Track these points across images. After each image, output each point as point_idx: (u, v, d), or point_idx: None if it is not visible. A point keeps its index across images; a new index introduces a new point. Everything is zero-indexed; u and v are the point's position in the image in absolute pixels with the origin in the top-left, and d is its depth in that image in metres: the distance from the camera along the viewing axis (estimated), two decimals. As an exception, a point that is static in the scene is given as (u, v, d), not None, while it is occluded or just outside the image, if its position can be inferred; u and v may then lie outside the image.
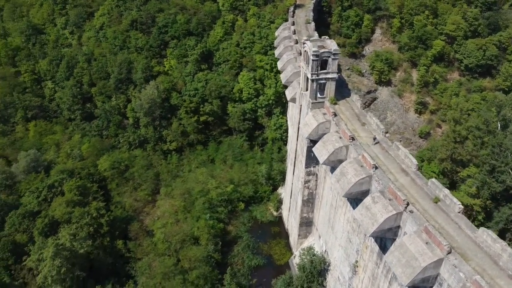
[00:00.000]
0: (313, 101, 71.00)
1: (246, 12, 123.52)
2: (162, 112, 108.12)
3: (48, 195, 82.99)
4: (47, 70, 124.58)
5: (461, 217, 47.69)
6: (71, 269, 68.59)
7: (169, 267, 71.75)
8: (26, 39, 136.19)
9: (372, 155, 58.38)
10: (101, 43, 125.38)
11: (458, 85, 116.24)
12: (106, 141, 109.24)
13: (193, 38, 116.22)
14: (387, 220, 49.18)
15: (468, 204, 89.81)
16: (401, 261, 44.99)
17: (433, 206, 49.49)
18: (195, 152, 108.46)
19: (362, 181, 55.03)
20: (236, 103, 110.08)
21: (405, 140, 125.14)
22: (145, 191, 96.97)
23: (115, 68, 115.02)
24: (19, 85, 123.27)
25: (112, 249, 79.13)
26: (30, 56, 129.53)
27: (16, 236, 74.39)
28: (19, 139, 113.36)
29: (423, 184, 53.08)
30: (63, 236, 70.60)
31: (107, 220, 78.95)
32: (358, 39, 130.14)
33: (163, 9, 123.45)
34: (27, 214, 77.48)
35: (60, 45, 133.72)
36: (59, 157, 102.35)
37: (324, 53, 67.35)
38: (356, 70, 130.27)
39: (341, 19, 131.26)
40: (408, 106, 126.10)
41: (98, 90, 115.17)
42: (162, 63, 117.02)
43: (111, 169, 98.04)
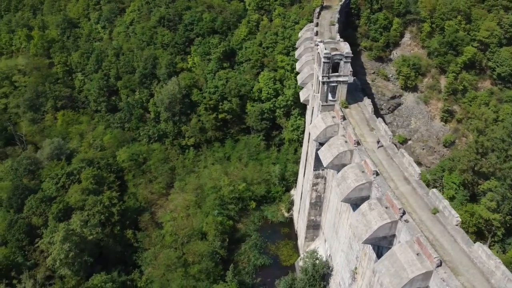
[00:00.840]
0: (323, 103, 70.38)
1: (272, 12, 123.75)
2: (182, 107, 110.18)
3: (66, 182, 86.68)
4: (78, 63, 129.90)
5: (458, 230, 46.02)
6: (80, 254, 71.40)
7: (173, 259, 73.26)
8: (62, 32, 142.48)
9: (375, 161, 57.35)
10: (130, 38, 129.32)
11: (489, 94, 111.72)
12: (128, 133, 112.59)
13: (217, 37, 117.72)
14: (381, 228, 48.20)
15: (488, 219, 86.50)
16: (390, 271, 44.00)
17: (431, 217, 48.03)
18: (212, 149, 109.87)
19: (361, 186, 54.15)
20: (255, 102, 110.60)
21: (428, 148, 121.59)
22: (160, 184, 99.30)
23: (140, 63, 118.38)
24: (51, 75, 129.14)
25: (121, 238, 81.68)
26: (63, 49, 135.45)
27: (33, 219, 78.26)
28: (47, 127, 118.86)
29: (423, 194, 51.63)
30: (74, 222, 73.64)
31: (118, 210, 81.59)
32: (385, 43, 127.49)
33: (191, 7, 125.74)
34: (44, 199, 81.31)
35: (92, 39, 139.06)
36: (82, 146, 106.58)
37: (336, 55, 66.65)
38: (382, 74, 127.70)
39: (369, 21, 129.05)
40: (434, 114, 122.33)
41: (124, 83, 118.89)
42: (186, 60, 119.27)
43: (129, 161, 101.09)
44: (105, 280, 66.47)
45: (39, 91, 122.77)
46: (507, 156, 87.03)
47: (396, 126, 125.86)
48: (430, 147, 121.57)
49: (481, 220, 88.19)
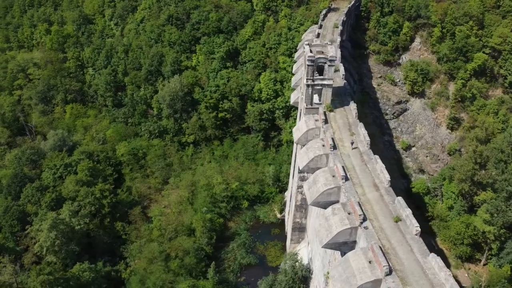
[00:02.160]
0: (307, 106, 70.29)
1: (279, 13, 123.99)
2: (184, 105, 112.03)
3: (64, 173, 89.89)
4: (89, 58, 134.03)
5: (416, 240, 45.30)
6: (67, 243, 74.02)
7: (155, 253, 74.85)
8: (77, 28, 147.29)
9: (349, 166, 57.02)
10: (140, 35, 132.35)
11: (499, 103, 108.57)
12: (130, 128, 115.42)
13: (222, 36, 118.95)
14: (341, 234, 47.97)
15: (483, 231, 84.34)
16: (341, 276, 43.84)
17: (392, 225, 47.44)
18: (210, 147, 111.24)
19: (330, 191, 53.95)
20: (255, 103, 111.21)
21: (432, 156, 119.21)
22: (156, 179, 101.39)
23: (147, 60, 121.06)
24: (63, 69, 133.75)
25: (111, 229, 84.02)
26: (77, 44, 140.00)
27: (27, 207, 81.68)
28: (56, 119, 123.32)
29: (390, 201, 50.97)
30: (63, 211, 76.40)
31: (109, 202, 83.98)
32: (394, 47, 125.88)
33: (199, 6, 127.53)
34: (40, 188, 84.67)
35: (105, 35, 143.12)
36: (85, 139, 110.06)
37: (320, 59, 66.38)
38: (389, 78, 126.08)
39: (378, 25, 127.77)
40: (440, 121, 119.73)
41: (130, 79, 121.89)
42: (190, 58, 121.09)
43: (127, 155, 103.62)
44: (84, 269, 68.64)
45: (51, 84, 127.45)
46: (506, 168, 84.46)
47: (401, 132, 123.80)
48: (434, 155, 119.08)
49: (476, 232, 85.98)
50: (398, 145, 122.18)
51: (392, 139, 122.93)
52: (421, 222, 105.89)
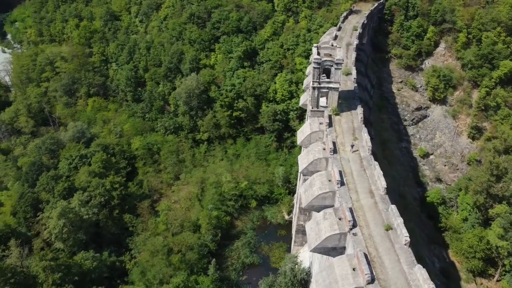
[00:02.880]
0: (313, 109, 69.84)
1: (299, 14, 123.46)
2: (200, 103, 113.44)
3: (79, 164, 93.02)
4: (113, 53, 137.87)
5: (405, 250, 44.33)
6: (75, 231, 76.63)
7: (157, 246, 76.34)
8: (104, 24, 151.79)
9: (347, 171, 56.34)
10: (162, 33, 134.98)
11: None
12: (147, 123, 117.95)
13: (241, 36, 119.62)
14: (330, 239, 47.61)
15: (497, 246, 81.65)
16: (325, 281, 43.55)
17: (382, 233, 46.61)
18: (223, 145, 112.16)
19: (325, 195, 53.56)
20: (270, 103, 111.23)
21: (451, 165, 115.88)
22: (168, 175, 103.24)
23: (167, 57, 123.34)
24: (88, 64, 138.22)
25: (119, 221, 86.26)
26: (103, 39, 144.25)
27: (41, 194, 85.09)
28: (79, 111, 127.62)
29: (383, 209, 50.06)
30: (74, 200, 79.15)
31: (118, 194, 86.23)
32: (417, 51, 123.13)
33: (221, 5, 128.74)
34: (55, 177, 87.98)
35: (130, 31, 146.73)
36: (103, 132, 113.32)
37: (327, 61, 65.79)
38: (410, 84, 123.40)
39: (402, 29, 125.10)
40: (461, 129, 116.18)
41: (150, 76, 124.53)
42: (209, 57, 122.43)
43: (142, 149, 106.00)
44: (86, 258, 70.88)
45: (75, 77, 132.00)
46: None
47: (419, 139, 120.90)
48: (452, 164, 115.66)
49: (490, 247, 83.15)
50: (416, 152, 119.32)
51: (410, 146, 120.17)
52: (433, 233, 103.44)
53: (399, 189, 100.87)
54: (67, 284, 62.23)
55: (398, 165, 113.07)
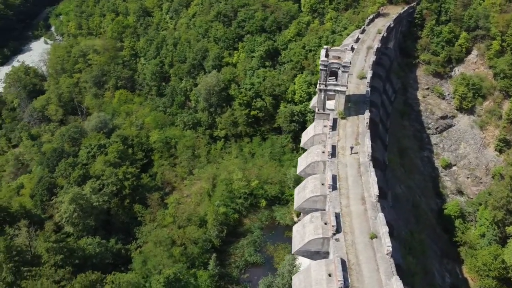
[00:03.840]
0: (320, 111, 69.19)
1: (325, 16, 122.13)
2: (219, 100, 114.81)
3: (97, 153, 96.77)
4: (142, 48, 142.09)
5: (386, 260, 43.17)
6: (85, 217, 79.91)
7: (160, 237, 78.14)
8: (137, 19, 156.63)
9: (343, 176, 55.47)
10: (190, 30, 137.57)
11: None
12: (168, 118, 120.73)
13: (264, 35, 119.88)
14: (313, 242, 47.18)
15: (511, 265, 78.19)
16: (301, 284, 43.27)
17: (366, 241, 45.61)
18: (239, 143, 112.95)
19: (316, 198, 53.04)
20: (288, 104, 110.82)
21: (474, 178, 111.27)
22: (183, 169, 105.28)
23: (191, 54, 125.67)
24: (118, 57, 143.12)
25: (130, 210, 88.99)
26: (134, 34, 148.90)
27: (58, 180, 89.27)
28: (105, 102, 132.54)
29: (372, 216, 48.90)
30: (86, 187, 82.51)
31: (130, 184, 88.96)
32: (447, 58, 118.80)
33: (248, 4, 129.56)
34: (73, 164, 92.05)
35: (160, 28, 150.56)
36: (124, 124, 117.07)
37: (333, 64, 64.98)
38: (437, 91, 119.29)
39: (432, 34, 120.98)
40: (488, 142, 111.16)
41: (174, 71, 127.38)
42: (232, 55, 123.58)
43: (159, 142, 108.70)
44: (90, 243, 73.72)
45: (105, 70, 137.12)
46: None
47: (442, 149, 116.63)
48: (476, 177, 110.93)
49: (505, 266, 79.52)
50: (438, 162, 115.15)
51: (432, 156, 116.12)
52: (447, 247, 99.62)
53: (414, 199, 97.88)
54: (68, 266, 65.17)
55: (417, 174, 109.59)
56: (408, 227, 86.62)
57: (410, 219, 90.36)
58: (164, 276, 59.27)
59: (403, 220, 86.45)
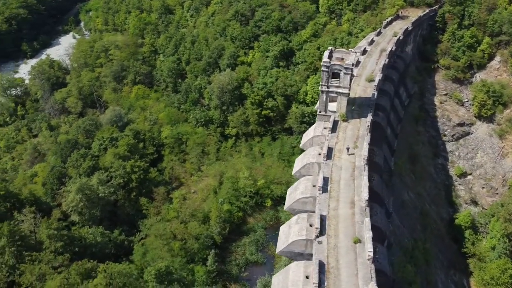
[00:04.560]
0: (320, 112, 68.59)
1: (342, 17, 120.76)
2: (232, 98, 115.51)
3: (108, 146, 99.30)
4: (161, 45, 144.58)
5: (366, 265, 42.44)
6: (91, 207, 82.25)
7: (160, 231, 79.46)
8: (159, 17, 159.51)
9: (335, 179, 54.85)
10: (208, 28, 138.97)
11: None
12: (181, 114, 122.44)
13: (280, 35, 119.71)
14: (296, 243, 46.89)
15: (520, 282, 75.48)
16: (279, 285, 43.23)
17: (349, 245, 44.96)
18: (250, 142, 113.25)
19: (306, 200, 52.63)
20: (300, 104, 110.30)
21: (490, 188, 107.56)
22: (192, 165, 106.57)
23: (208, 52, 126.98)
24: (138, 53, 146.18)
25: (136, 203, 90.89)
26: (155, 31, 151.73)
27: (69, 170, 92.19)
28: (123, 97, 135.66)
29: (359, 221, 48.15)
30: (93, 178, 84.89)
31: (137, 178, 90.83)
32: (467, 63, 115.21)
33: (266, 4, 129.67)
34: (84, 155, 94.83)
35: (181, 25, 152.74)
36: (139, 118, 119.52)
37: (335, 65, 64.21)
38: (455, 97, 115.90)
39: (453, 38, 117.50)
40: (507, 151, 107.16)
41: (190, 68, 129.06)
42: (248, 54, 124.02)
43: (170, 138, 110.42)
44: (91, 232, 75.85)
45: (124, 65, 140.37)
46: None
47: (458, 157, 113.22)
48: (492, 187, 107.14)
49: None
50: (452, 170, 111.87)
51: (446, 163, 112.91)
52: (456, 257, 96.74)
53: (423, 207, 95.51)
54: (67, 253, 67.33)
55: (429, 181, 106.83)
56: (413, 235, 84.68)
57: (416, 227, 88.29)
58: (155, 268, 60.37)
59: (408, 228, 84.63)
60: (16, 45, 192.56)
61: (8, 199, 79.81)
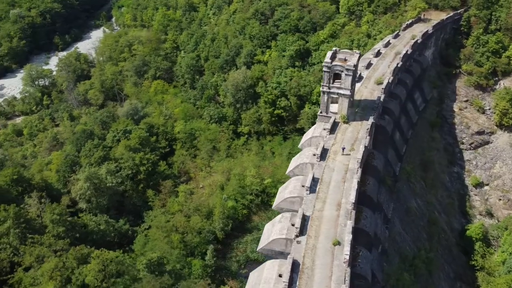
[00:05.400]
0: (323, 113, 68.11)
1: (362, 18, 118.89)
2: (246, 97, 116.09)
3: (121, 137, 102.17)
4: (183, 42, 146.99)
5: (342, 268, 41.99)
6: (98, 196, 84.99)
7: (162, 223, 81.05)
8: (183, 14, 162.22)
9: (326, 180, 54.46)
10: (228, 26, 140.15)
11: None
12: (196, 110, 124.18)
13: (297, 35, 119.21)
14: (276, 242, 47.01)
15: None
16: (253, 281, 43.49)
17: (328, 247, 44.64)
18: (261, 141, 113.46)
19: (293, 199, 52.57)
20: (313, 105, 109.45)
21: (507, 200, 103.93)
22: (202, 161, 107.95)
23: (226, 50, 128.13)
24: (160, 49, 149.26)
25: (143, 194, 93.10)
26: (177, 28, 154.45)
27: (81, 159, 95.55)
28: (142, 91, 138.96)
29: (342, 223, 47.64)
30: (102, 168, 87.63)
31: (145, 170, 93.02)
32: (491, 70, 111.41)
33: (286, 3, 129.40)
34: (97, 145, 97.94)
35: (203, 23, 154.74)
36: (154, 113, 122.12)
37: (337, 66, 63.65)
38: (476, 104, 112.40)
39: (478, 43, 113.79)
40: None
41: (208, 65, 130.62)
42: (265, 53, 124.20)
43: (183, 133, 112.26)
44: (94, 219, 78.38)
45: (146, 60, 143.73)
46: None
47: (475, 166, 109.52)
48: (509, 200, 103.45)
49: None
50: (468, 180, 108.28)
51: (463, 172, 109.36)
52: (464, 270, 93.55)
53: (431, 216, 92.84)
54: (69, 238, 69.97)
55: (442, 190, 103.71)
56: (417, 243, 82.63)
57: (422, 236, 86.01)
58: (147, 258, 61.77)
59: (411, 236, 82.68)
60: (49, 38, 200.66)
61: (20, 183, 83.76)
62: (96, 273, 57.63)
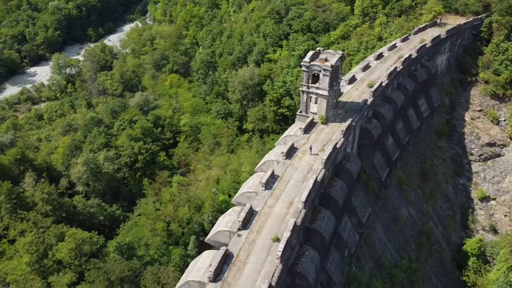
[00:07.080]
0: (300, 112, 68.11)
1: (376, 20, 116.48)
2: (252, 94, 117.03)
3: (126, 127, 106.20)
4: (201, 38, 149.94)
5: (274, 264, 42.33)
6: (94, 180, 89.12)
7: (148, 210, 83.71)
8: (206, 10, 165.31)
9: (286, 178, 54.70)
10: (245, 24, 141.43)
11: None
12: (205, 105, 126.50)
13: (308, 35, 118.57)
14: (221, 234, 47.97)
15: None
16: (189, 269, 44.63)
17: (267, 242, 45.09)
18: (264, 139, 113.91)
19: (249, 194, 53.25)
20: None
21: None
22: (203, 154, 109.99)
23: (239, 47, 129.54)
24: (179, 44, 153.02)
25: (139, 182, 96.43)
26: (198, 24, 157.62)
27: (85, 145, 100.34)
28: (159, 84, 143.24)
29: (288, 221, 47.75)
30: (100, 154, 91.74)
31: (143, 159, 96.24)
32: (509, 79, 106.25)
33: (302, 3, 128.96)
34: (102, 132, 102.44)
35: (223, 20, 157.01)
36: (164, 105, 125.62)
37: (315, 66, 63.44)
38: (490, 114, 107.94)
39: (497, 50, 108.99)
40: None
41: (221, 62, 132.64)
42: (276, 52, 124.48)
43: (187, 126, 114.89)
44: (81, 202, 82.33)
45: (164, 54, 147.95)
46: None
47: (483, 179, 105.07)
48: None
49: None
50: (474, 193, 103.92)
51: (469, 184, 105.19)
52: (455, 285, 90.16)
53: (425, 226, 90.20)
54: (55, 217, 74.05)
55: (443, 201, 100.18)
56: (402, 252, 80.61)
57: (408, 245, 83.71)
58: (116, 241, 64.34)
59: (395, 244, 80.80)
60: (83, 30, 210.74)
61: (23, 163, 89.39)
62: (68, 250, 60.87)
